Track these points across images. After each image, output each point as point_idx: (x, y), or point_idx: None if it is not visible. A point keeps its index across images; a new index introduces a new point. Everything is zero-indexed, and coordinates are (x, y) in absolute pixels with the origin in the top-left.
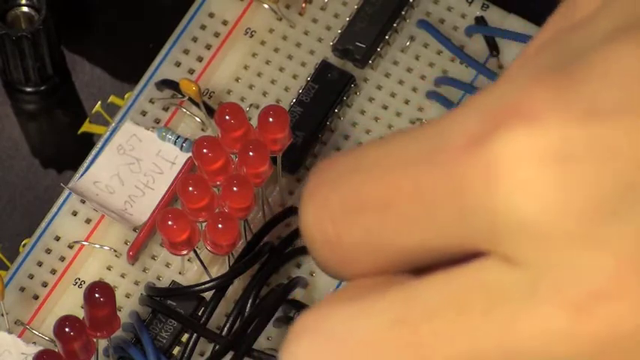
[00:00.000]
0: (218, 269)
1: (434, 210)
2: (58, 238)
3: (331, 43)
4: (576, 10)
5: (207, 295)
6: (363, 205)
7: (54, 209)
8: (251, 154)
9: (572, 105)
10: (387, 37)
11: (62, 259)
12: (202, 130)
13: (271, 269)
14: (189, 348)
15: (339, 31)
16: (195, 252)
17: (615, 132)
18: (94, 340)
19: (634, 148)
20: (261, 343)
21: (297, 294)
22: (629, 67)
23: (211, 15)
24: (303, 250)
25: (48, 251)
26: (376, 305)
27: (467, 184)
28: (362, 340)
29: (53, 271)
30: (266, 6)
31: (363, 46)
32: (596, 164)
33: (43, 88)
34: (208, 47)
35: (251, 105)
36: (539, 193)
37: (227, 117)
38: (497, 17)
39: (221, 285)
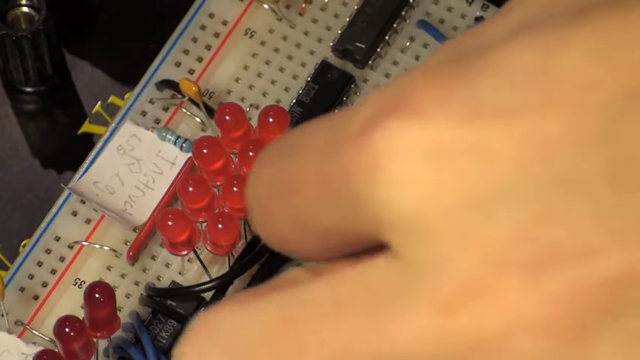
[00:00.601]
0: (218, 269)
1: (329, 198)
2: (58, 239)
3: (331, 44)
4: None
5: (208, 295)
6: (281, 186)
7: (54, 209)
8: (251, 154)
9: (455, 103)
10: (387, 37)
11: (62, 259)
12: (202, 130)
13: (271, 269)
14: None
15: (339, 32)
16: (195, 252)
17: (493, 135)
18: (94, 340)
19: (509, 153)
20: None
21: None
22: (519, 68)
23: (211, 15)
24: None
25: (48, 251)
26: (265, 304)
27: (352, 174)
28: (249, 339)
29: (53, 272)
30: (266, 6)
31: (363, 46)
32: (471, 164)
33: (43, 88)
34: (208, 47)
35: (251, 105)
36: (413, 187)
37: (227, 117)
38: None
39: (221, 285)
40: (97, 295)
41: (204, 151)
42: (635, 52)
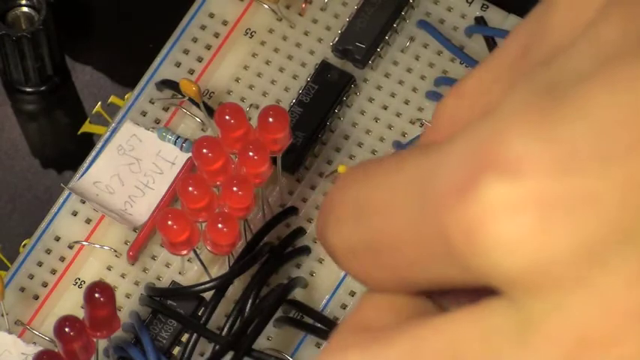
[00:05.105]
0: (218, 269)
1: (428, 257)
2: (58, 239)
3: (331, 43)
4: (549, 31)
5: (207, 295)
6: (375, 244)
7: (54, 209)
8: (251, 154)
9: (549, 153)
10: (387, 37)
11: (62, 259)
12: (202, 130)
13: (271, 269)
14: (189, 348)
15: (339, 31)
16: (195, 252)
17: (595, 181)
18: (94, 340)
19: (613, 196)
20: (261, 343)
21: (297, 294)
22: (606, 109)
23: (211, 15)
24: (303, 251)
25: (48, 251)
26: (385, 353)
27: (454, 236)
28: None
29: (53, 271)
30: (266, 6)
31: (363, 46)
32: (577, 213)
33: (43, 88)
34: (208, 47)
35: (251, 105)
36: (522, 246)
37: (227, 117)
38: (497, 17)
39: (221, 285)
40: (97, 295)
41: (204, 151)
42: None
